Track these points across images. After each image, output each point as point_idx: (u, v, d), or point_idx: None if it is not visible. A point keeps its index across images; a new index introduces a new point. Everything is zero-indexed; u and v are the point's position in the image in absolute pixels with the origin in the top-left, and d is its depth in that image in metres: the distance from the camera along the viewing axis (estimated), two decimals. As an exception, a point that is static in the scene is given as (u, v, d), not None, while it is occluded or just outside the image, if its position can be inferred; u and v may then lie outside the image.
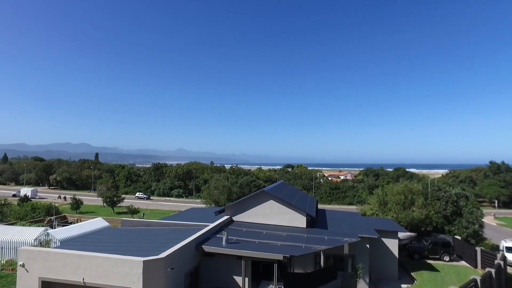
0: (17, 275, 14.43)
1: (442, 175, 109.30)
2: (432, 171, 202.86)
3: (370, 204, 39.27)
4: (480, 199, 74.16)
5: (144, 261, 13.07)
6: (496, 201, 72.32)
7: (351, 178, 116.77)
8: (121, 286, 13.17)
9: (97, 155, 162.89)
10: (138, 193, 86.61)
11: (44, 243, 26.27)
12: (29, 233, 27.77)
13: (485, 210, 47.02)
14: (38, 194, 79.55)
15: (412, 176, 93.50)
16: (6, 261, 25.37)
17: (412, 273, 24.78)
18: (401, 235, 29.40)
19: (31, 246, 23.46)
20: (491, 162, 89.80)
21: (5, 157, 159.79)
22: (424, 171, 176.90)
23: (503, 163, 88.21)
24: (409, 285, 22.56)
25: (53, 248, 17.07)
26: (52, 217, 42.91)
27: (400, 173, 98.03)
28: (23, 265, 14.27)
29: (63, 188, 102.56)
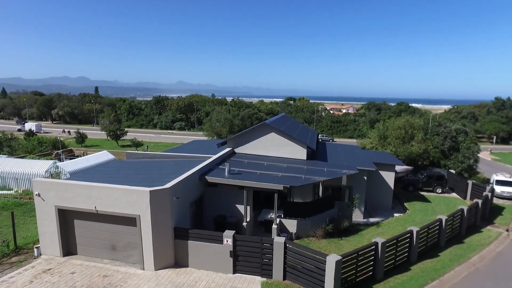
0: (35, 203, 15.38)
1: (445, 110, 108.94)
2: (436, 106, 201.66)
3: (370, 138, 39.84)
4: (480, 135, 74.92)
5: (150, 191, 13.74)
6: (494, 137, 73.07)
7: (353, 112, 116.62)
8: (131, 213, 14.08)
9: (96, 88, 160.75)
10: None
11: (55, 175, 27.40)
12: (40, 165, 28.77)
13: (482, 146, 47.90)
14: (42, 128, 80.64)
15: (414, 111, 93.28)
16: (22, 191, 26.76)
17: (405, 204, 26.20)
18: (398, 168, 30.37)
19: (42, 178, 24.53)
20: (496, 98, 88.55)
21: (3, 92, 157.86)
22: (427, 106, 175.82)
23: (508, 99, 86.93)
24: (401, 214, 24.01)
25: (63, 179, 17.84)
26: (59, 151, 44.09)
27: (403, 108, 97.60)
28: (38, 195, 15.09)
29: (66, 122, 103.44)
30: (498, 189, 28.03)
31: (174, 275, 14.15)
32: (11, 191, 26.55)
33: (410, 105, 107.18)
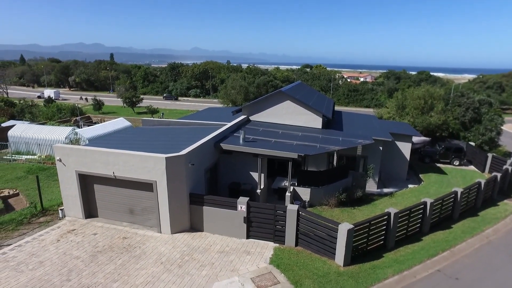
0: (57, 168, 16.02)
1: (469, 80, 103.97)
2: (459, 75, 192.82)
3: (388, 108, 38.84)
4: (505, 106, 71.59)
5: (166, 158, 14.00)
6: (521, 108, 69.80)
7: (371, 81, 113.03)
8: (148, 179, 14.48)
9: (112, 55, 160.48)
10: None
11: (74, 141, 28.23)
12: (60, 132, 29.64)
13: (507, 118, 45.89)
14: (60, 95, 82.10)
15: (435, 80, 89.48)
16: (45, 156, 27.83)
17: (420, 175, 25.88)
18: (415, 139, 29.70)
19: (63, 144, 25.33)
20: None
21: (22, 59, 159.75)
22: (450, 76, 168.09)
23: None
24: (415, 185, 23.82)
25: (82, 145, 18.36)
26: (77, 118, 45.15)
27: (423, 77, 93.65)
28: (60, 160, 15.65)
29: (83, 89, 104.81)
30: None
31: (190, 238, 14.75)
32: (35, 156, 27.67)
33: (432, 74, 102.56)
